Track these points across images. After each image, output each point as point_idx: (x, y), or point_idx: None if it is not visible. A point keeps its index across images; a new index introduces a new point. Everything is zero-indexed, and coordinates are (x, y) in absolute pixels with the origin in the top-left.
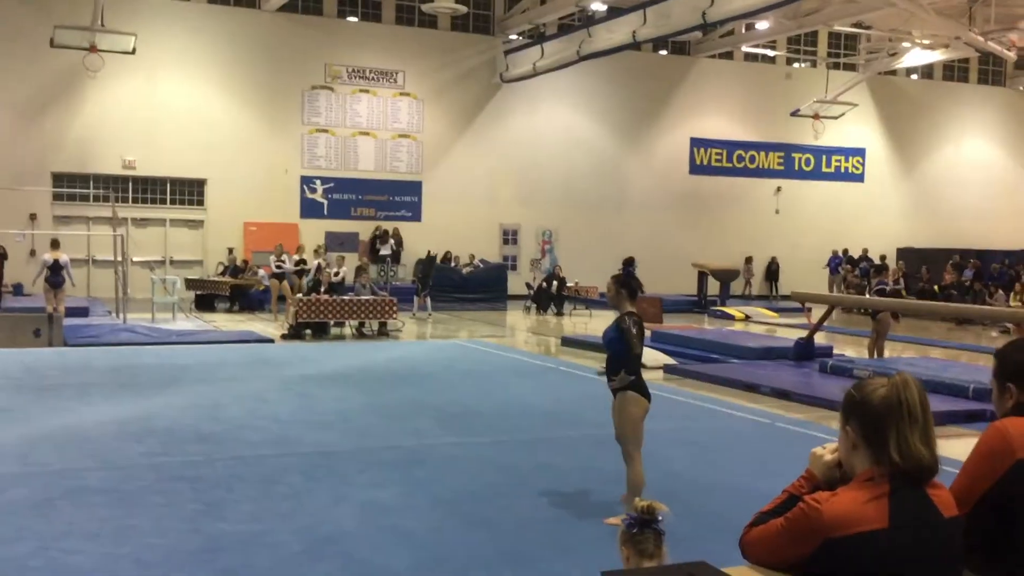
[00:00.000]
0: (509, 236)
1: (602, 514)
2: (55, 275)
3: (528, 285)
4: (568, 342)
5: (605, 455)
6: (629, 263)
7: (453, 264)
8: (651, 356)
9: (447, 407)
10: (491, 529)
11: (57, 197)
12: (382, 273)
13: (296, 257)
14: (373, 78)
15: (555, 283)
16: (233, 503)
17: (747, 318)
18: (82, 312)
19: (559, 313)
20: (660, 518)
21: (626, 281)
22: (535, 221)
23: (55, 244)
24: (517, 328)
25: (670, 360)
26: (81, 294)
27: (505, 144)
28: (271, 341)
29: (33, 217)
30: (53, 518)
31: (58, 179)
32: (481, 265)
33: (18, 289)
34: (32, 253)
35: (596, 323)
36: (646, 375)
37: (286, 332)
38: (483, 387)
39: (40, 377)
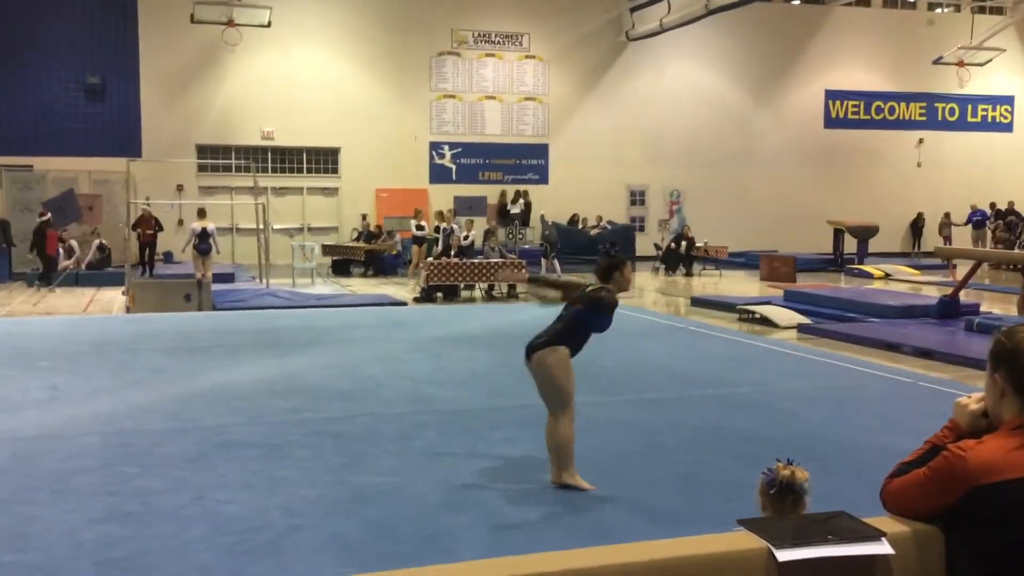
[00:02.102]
0: (636, 197)
1: (736, 471)
2: (203, 243)
3: (656, 246)
4: (698, 302)
5: (737, 414)
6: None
7: (580, 226)
8: (784, 315)
9: (575, 366)
10: (622, 485)
11: (201, 168)
12: (511, 236)
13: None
14: (499, 42)
15: (684, 243)
16: (373, 457)
17: (887, 276)
18: (228, 278)
19: (688, 274)
20: (801, 488)
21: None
22: (663, 181)
23: (202, 213)
24: (645, 289)
25: (804, 319)
26: (226, 261)
27: (631, 104)
28: (404, 304)
29: (180, 188)
30: (207, 470)
31: (202, 151)
32: (609, 227)
33: (168, 257)
34: (180, 223)
35: (726, 283)
36: (780, 334)
37: (418, 295)
38: (612, 347)
39: (191, 339)
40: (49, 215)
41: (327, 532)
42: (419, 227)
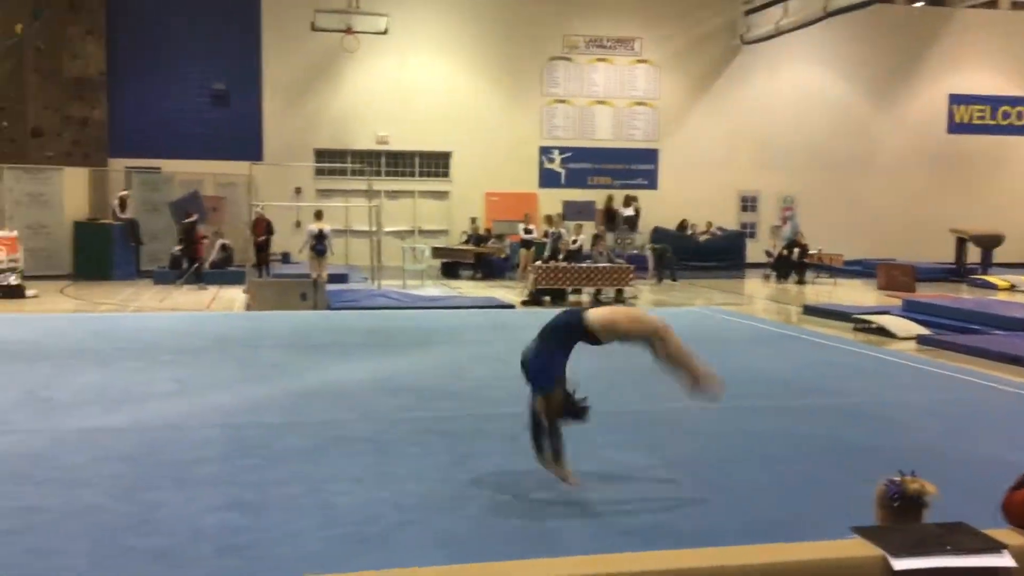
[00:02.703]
0: (748, 202)
1: (845, 483)
2: (319, 244)
3: (768, 252)
4: (811, 311)
5: (849, 425)
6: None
7: (689, 232)
8: (903, 326)
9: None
10: (726, 493)
11: (319, 172)
12: (619, 241)
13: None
14: (610, 47)
15: (796, 250)
16: (480, 455)
17: (1012, 287)
18: (342, 278)
19: (800, 281)
20: (928, 501)
21: None
22: (775, 187)
23: (319, 215)
24: (756, 296)
25: (924, 330)
26: (340, 262)
27: (744, 108)
28: (512, 307)
29: (298, 191)
30: (321, 463)
31: (320, 155)
32: (719, 232)
33: (286, 257)
34: (297, 224)
35: (841, 292)
36: (897, 345)
37: (526, 298)
38: (720, 353)
39: (306, 337)
40: (196, 216)
41: (435, 527)
42: (527, 231)
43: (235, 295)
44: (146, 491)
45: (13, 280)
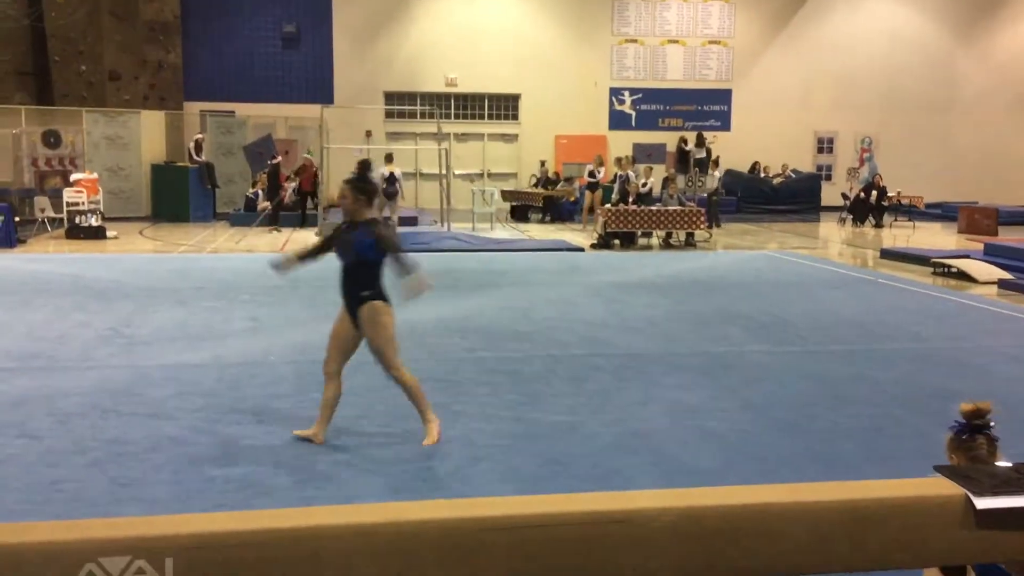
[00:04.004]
0: (824, 144)
1: (923, 426)
2: (390, 186)
3: (844, 195)
4: (888, 254)
5: (926, 369)
6: (365, 167)
7: (762, 174)
8: (984, 270)
9: (756, 315)
10: (802, 434)
11: (389, 115)
12: (690, 183)
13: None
14: None
15: (874, 193)
16: (548, 396)
17: None
18: (412, 221)
19: (878, 225)
20: (991, 421)
21: (364, 186)
22: (853, 127)
23: (389, 158)
24: (831, 240)
25: (1006, 275)
26: (410, 205)
27: (821, 46)
28: (581, 250)
29: (368, 134)
30: (391, 402)
31: (389, 98)
32: (793, 175)
33: None
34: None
35: (920, 236)
36: (978, 290)
37: (595, 241)
38: (794, 297)
39: None
40: (280, 158)
41: (505, 465)
42: (591, 173)
43: (307, 237)
44: (227, 425)
45: (94, 221)
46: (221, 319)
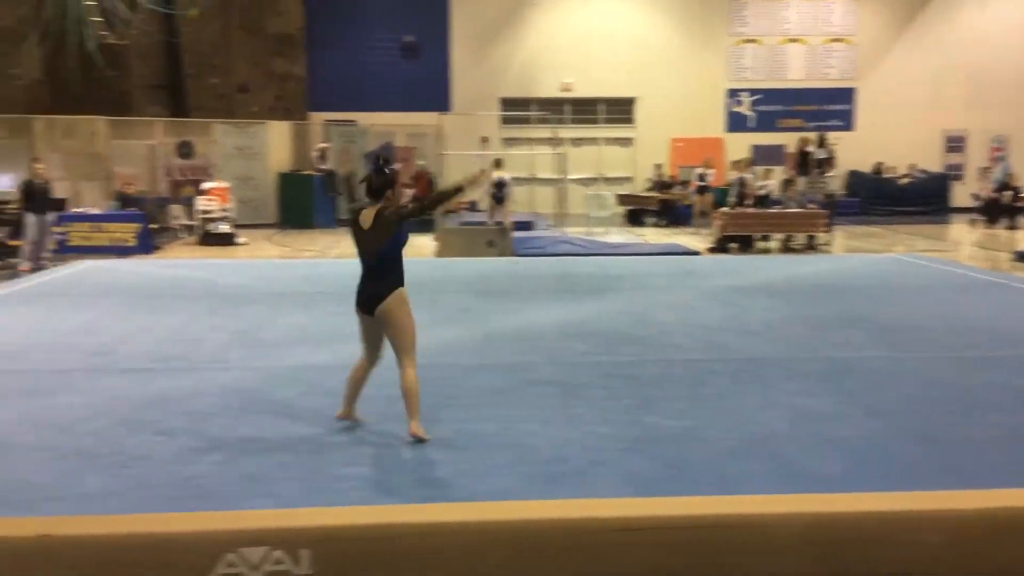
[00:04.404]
0: (954, 143)
1: None
2: (499, 191)
3: (976, 196)
4: (1023, 257)
5: None
6: (386, 151)
7: (887, 175)
8: None
9: (880, 320)
10: (931, 443)
11: (505, 121)
12: (811, 185)
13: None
14: None
15: (1008, 193)
16: (666, 400)
17: None
18: (527, 226)
19: (1012, 226)
20: None
21: (392, 179)
22: (984, 126)
23: (498, 163)
24: (961, 242)
25: None
26: (525, 209)
27: (951, 42)
28: (697, 253)
29: (485, 140)
30: (512, 404)
31: (505, 104)
32: (920, 175)
33: (473, 205)
34: (482, 173)
35: None
36: None
37: (712, 245)
38: (920, 301)
39: (494, 283)
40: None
41: (624, 469)
42: (700, 176)
43: (425, 242)
44: (349, 424)
45: (225, 228)
46: (344, 322)
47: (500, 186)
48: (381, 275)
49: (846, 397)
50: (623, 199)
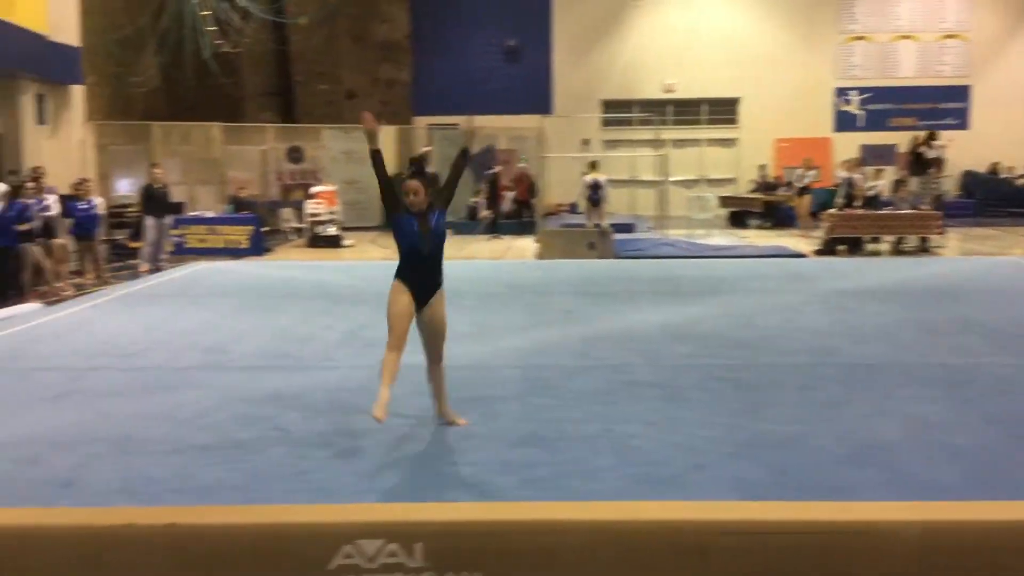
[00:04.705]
0: None
1: None
2: (594, 193)
3: None
4: None
5: None
6: (423, 159)
7: (1003, 175)
8: None
9: (999, 325)
10: None
11: (606, 123)
12: (924, 186)
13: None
14: None
15: None
16: (773, 405)
17: None
18: (627, 228)
19: None
20: None
21: (430, 177)
22: None
23: (594, 166)
24: None
25: None
26: (625, 211)
27: None
28: (803, 256)
29: (586, 142)
30: (613, 405)
31: (606, 106)
32: None
33: (573, 208)
34: (584, 175)
35: None
36: None
37: (820, 247)
38: None
39: (594, 284)
40: (499, 169)
41: (728, 474)
42: (800, 177)
43: (526, 245)
44: (455, 424)
45: (332, 231)
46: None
47: (596, 188)
48: (438, 269)
49: (963, 404)
50: (726, 201)
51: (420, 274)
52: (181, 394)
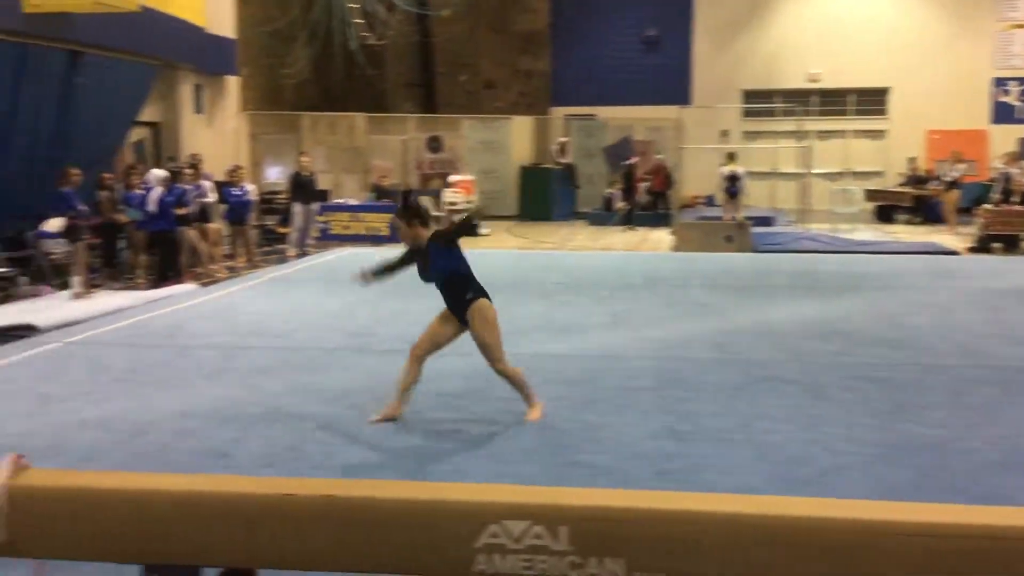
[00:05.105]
0: None
1: None
2: (731, 186)
3: None
4: None
5: None
6: (408, 196)
7: None
8: None
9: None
10: None
11: (746, 113)
12: None
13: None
14: None
15: None
16: (921, 408)
17: None
18: (766, 221)
19: None
20: None
21: (411, 211)
22: None
23: (731, 157)
24: None
25: None
26: (765, 204)
27: None
28: (955, 253)
29: (724, 133)
30: (750, 401)
31: (747, 96)
32: None
33: (710, 200)
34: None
35: None
36: None
37: (973, 244)
38: None
39: (732, 278)
40: (635, 159)
41: (872, 476)
42: (949, 171)
43: (662, 237)
44: (589, 413)
45: None
46: (581, 313)
47: (733, 180)
48: (453, 293)
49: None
50: (872, 195)
51: (443, 295)
52: (327, 374)
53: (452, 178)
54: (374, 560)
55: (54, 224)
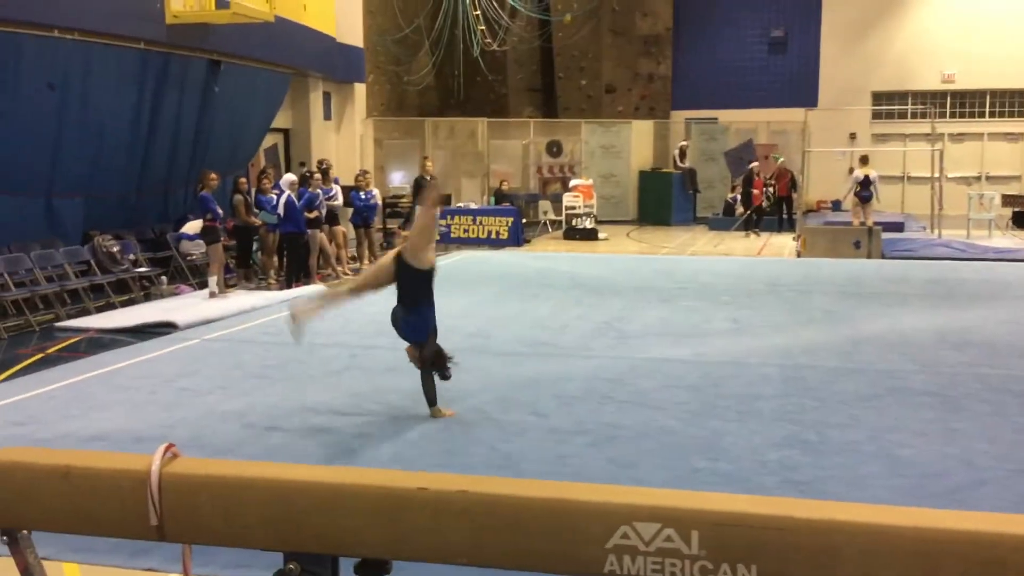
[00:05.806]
0: None
1: None
2: (864, 190)
3: None
4: None
5: None
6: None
7: None
8: None
9: None
10: None
11: (876, 115)
12: None
13: None
14: None
15: None
16: None
17: None
18: (897, 227)
19: None
20: None
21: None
22: None
23: (864, 160)
24: None
25: None
26: (894, 210)
27: None
28: None
29: (853, 136)
30: (881, 412)
31: (877, 97)
32: None
33: (836, 205)
34: (850, 171)
35: None
36: None
37: None
38: None
39: (860, 285)
40: (757, 163)
41: (1014, 491)
42: None
43: (785, 242)
44: (711, 419)
45: (588, 224)
46: (702, 318)
47: (866, 184)
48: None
49: None
50: (1009, 200)
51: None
52: None
53: (572, 182)
54: (507, 556)
55: (192, 226)
